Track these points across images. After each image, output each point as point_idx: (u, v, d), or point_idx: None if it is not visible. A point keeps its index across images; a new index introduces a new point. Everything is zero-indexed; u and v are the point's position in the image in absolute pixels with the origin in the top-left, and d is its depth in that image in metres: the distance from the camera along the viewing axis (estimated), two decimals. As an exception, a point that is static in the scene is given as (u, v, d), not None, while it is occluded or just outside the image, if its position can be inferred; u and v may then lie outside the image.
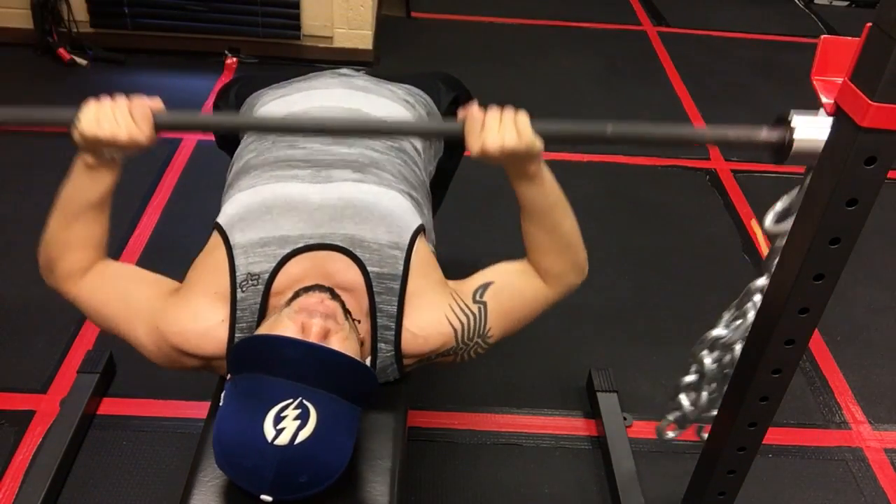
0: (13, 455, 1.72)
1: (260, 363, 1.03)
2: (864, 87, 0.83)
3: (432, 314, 1.18)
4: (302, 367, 1.02)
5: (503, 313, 1.21)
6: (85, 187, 1.13)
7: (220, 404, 1.06)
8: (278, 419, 0.98)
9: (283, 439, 0.97)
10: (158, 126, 1.08)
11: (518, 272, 1.23)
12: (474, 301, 1.19)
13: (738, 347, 1.26)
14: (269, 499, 1.01)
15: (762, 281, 1.19)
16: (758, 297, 1.20)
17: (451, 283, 1.23)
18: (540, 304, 1.23)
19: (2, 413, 1.81)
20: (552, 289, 1.22)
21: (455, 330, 1.18)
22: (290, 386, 1.01)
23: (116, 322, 1.18)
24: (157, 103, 1.09)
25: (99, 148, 1.08)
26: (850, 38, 0.87)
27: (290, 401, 0.99)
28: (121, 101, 1.07)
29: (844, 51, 0.87)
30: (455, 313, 1.18)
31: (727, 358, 1.30)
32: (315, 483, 1.01)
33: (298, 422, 0.98)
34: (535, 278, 1.22)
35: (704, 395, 1.38)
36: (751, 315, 1.22)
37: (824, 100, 0.91)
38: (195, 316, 1.15)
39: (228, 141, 1.64)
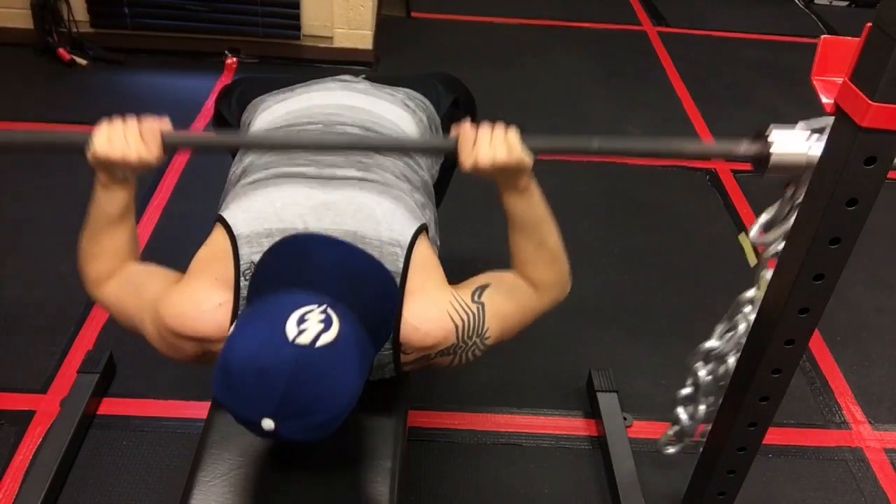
0: (13, 455, 1.72)
1: (286, 273, 1.03)
2: (864, 87, 0.83)
3: (434, 308, 1.17)
4: (330, 273, 1.02)
5: (500, 315, 1.22)
6: (104, 204, 1.18)
7: (231, 329, 1.00)
8: (301, 320, 0.94)
9: (304, 339, 0.93)
10: (167, 146, 1.12)
11: (510, 279, 1.26)
12: (473, 301, 1.20)
13: (731, 360, 1.28)
14: (270, 424, 0.93)
15: (752, 293, 1.23)
16: (748, 309, 1.23)
17: (449, 285, 1.24)
18: (530, 311, 1.26)
19: (2, 413, 1.82)
20: (540, 299, 1.25)
21: (456, 326, 1.17)
22: (316, 294, 0.99)
23: (131, 316, 1.20)
24: (165, 123, 1.13)
25: (111, 168, 1.11)
26: (850, 38, 0.87)
27: (315, 306, 0.96)
28: (131, 122, 1.10)
29: (844, 51, 0.88)
30: (456, 310, 1.18)
31: (721, 370, 1.31)
32: (321, 409, 0.94)
33: (322, 325, 0.95)
34: (525, 286, 1.25)
35: (702, 408, 1.39)
36: (742, 327, 1.25)
37: (824, 100, 0.91)
38: (192, 299, 1.15)
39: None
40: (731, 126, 3.20)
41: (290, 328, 0.93)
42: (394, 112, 1.47)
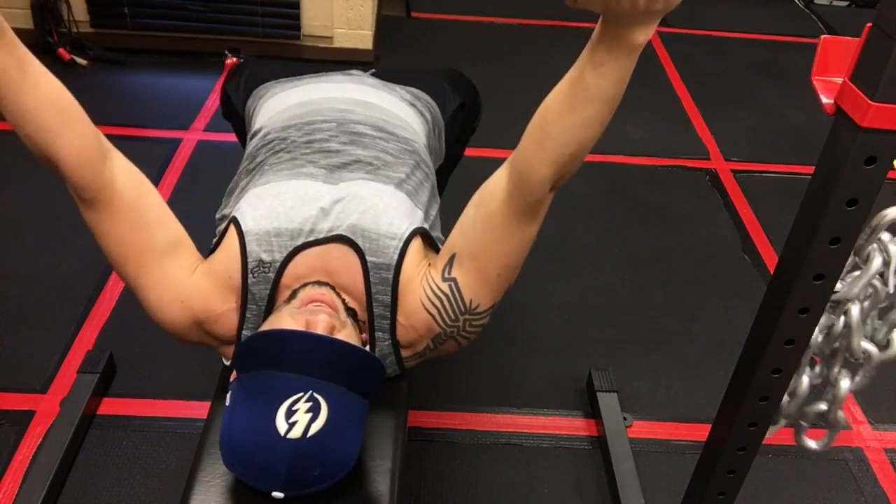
0: (13, 455, 1.72)
1: (267, 359, 1.04)
2: (864, 87, 0.83)
3: (413, 302, 1.18)
4: (311, 360, 1.02)
5: (477, 281, 1.14)
6: None
7: (227, 404, 1.06)
8: (290, 413, 0.98)
9: (295, 433, 0.97)
10: None
11: (479, 219, 1.11)
12: (443, 279, 1.16)
13: (854, 310, 0.97)
14: (280, 495, 1.01)
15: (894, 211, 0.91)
16: (888, 237, 0.92)
17: (428, 258, 1.21)
18: (510, 241, 1.10)
19: (2, 413, 1.82)
20: (519, 213, 1.08)
21: (431, 315, 1.17)
22: (300, 380, 1.01)
23: (146, 276, 1.15)
24: None
25: None
26: (850, 38, 0.87)
27: (301, 394, 1.00)
28: None
29: (844, 51, 0.87)
30: (429, 297, 1.17)
31: (839, 324, 1.00)
32: (327, 476, 1.01)
33: (310, 415, 0.98)
34: (509, 213, 1.08)
35: (805, 379, 1.09)
36: (876, 262, 0.93)
37: (824, 100, 0.91)
38: (222, 300, 1.18)
39: (235, 113, 1.65)
40: (731, 126, 3.20)
41: (280, 423, 0.98)
42: (403, 110, 1.47)
